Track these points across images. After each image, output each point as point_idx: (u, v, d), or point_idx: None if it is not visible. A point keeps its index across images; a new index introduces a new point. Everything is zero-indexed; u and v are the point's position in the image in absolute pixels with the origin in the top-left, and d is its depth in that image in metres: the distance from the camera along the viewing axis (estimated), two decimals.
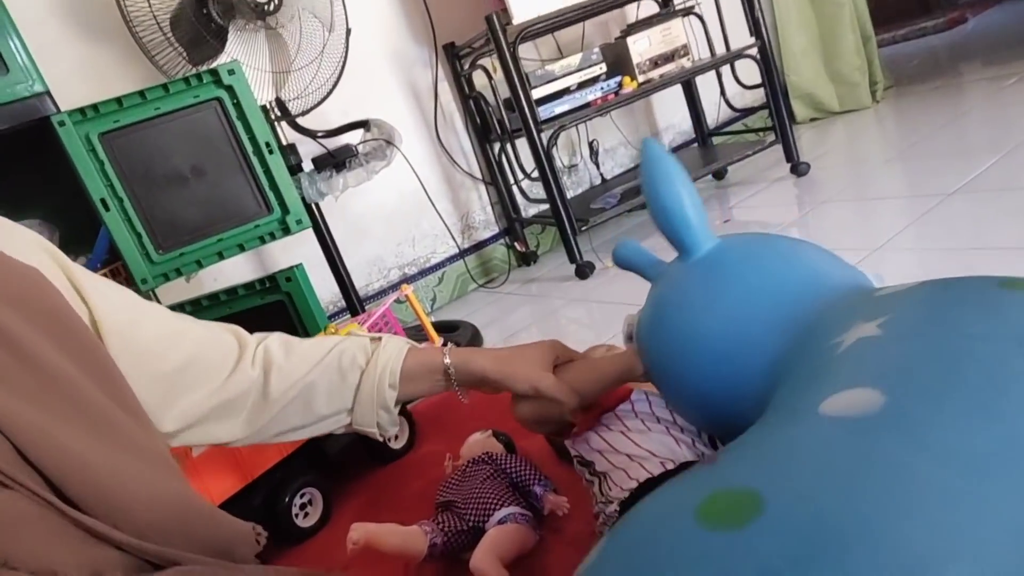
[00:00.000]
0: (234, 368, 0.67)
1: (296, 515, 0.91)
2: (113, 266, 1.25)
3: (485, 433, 0.88)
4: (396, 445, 1.04)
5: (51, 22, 1.51)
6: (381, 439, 0.74)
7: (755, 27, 1.92)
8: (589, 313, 1.60)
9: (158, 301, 1.25)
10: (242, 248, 1.27)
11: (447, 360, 0.73)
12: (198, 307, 1.24)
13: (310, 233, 1.49)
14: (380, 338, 0.74)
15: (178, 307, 1.25)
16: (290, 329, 1.19)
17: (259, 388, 0.67)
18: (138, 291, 1.24)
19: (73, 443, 0.45)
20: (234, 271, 1.69)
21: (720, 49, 2.08)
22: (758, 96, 2.39)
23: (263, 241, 1.28)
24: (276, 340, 0.72)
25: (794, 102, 2.53)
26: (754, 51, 1.92)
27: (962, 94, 2.29)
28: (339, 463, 1.00)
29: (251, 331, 0.71)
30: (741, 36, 1.99)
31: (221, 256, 1.26)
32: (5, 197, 1.39)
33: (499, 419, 1.07)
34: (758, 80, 1.99)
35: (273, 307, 1.20)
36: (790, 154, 1.99)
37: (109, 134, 1.19)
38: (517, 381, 0.70)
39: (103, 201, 1.19)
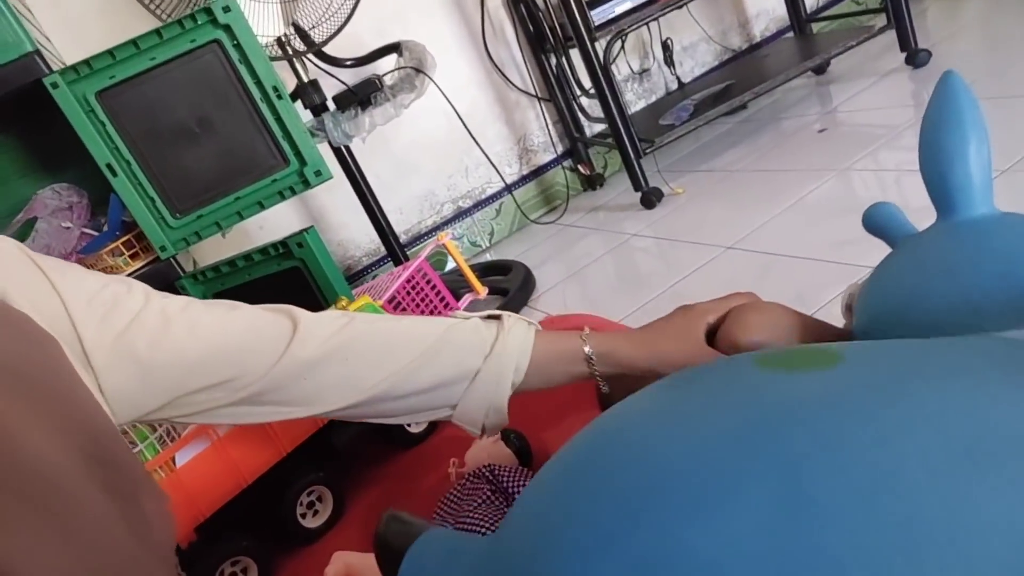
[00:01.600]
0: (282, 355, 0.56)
1: (303, 515, 0.84)
2: (132, 234, 1.19)
3: (493, 439, 0.76)
4: (416, 429, 0.95)
5: None
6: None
7: None
8: (652, 250, 1.42)
9: (180, 267, 1.19)
10: (262, 206, 1.18)
11: (587, 349, 0.61)
12: (218, 273, 1.17)
13: (339, 178, 1.38)
14: (499, 316, 0.63)
15: (199, 273, 1.19)
16: (309, 297, 1.10)
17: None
18: (156, 260, 1.18)
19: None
20: (282, 219, 1.61)
21: None
22: None
23: (283, 197, 1.19)
24: (360, 321, 0.61)
25: None
26: None
27: None
28: (351, 454, 0.92)
29: (272, 300, 0.61)
30: None
31: (240, 216, 1.18)
32: (30, 162, 1.36)
33: (529, 400, 0.95)
34: None
35: (291, 274, 1.11)
36: (906, 40, 1.65)
37: (107, 91, 1.10)
38: (673, 365, 0.58)
39: (109, 166, 1.12)
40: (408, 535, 0.39)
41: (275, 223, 1.60)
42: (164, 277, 1.17)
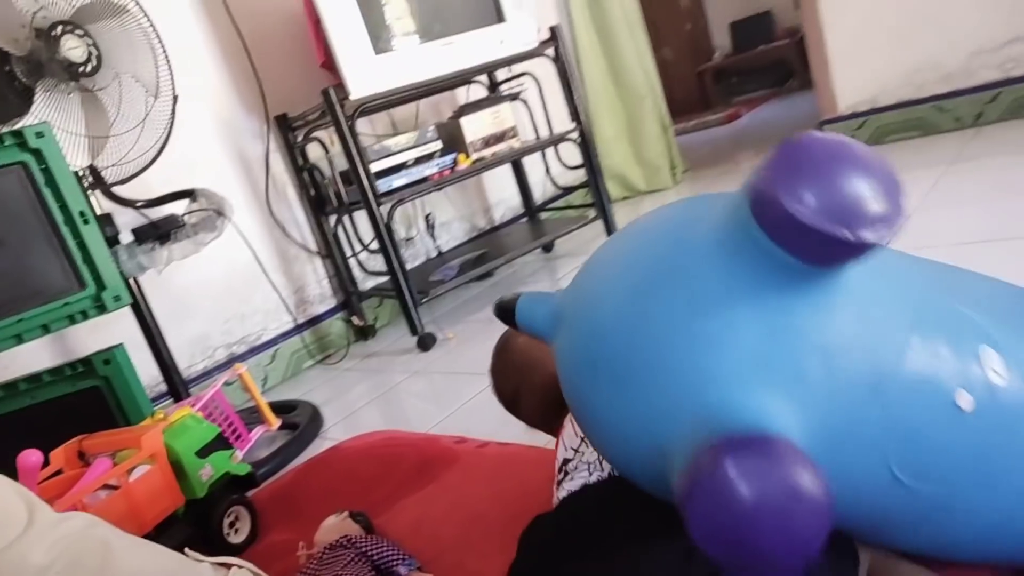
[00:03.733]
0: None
1: None
2: None
3: (341, 515, 0.84)
4: (236, 539, 0.95)
5: None
6: (219, 531, 0.66)
7: (574, 114, 2.09)
8: (432, 385, 1.59)
9: None
10: (47, 329, 1.13)
11: None
12: None
13: (121, 313, 1.35)
14: (229, 565, 0.63)
15: None
16: (108, 420, 1.06)
17: None
18: None
19: None
20: (30, 357, 1.48)
21: (544, 132, 2.24)
22: (579, 175, 2.59)
23: (73, 321, 1.15)
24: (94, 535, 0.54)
25: (608, 182, 2.76)
26: (575, 135, 2.09)
27: (742, 177, 2.64)
28: None
29: (60, 425, 0.59)
30: (562, 121, 2.16)
31: (20, 339, 1.11)
32: None
33: (354, 498, 1.02)
34: (579, 161, 2.16)
35: (87, 395, 1.07)
36: (610, 228, 2.17)
37: None
38: None
39: None
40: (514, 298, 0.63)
41: (24, 362, 1.46)
42: None
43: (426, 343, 1.76)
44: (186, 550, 0.65)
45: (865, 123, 2.34)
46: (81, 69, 1.24)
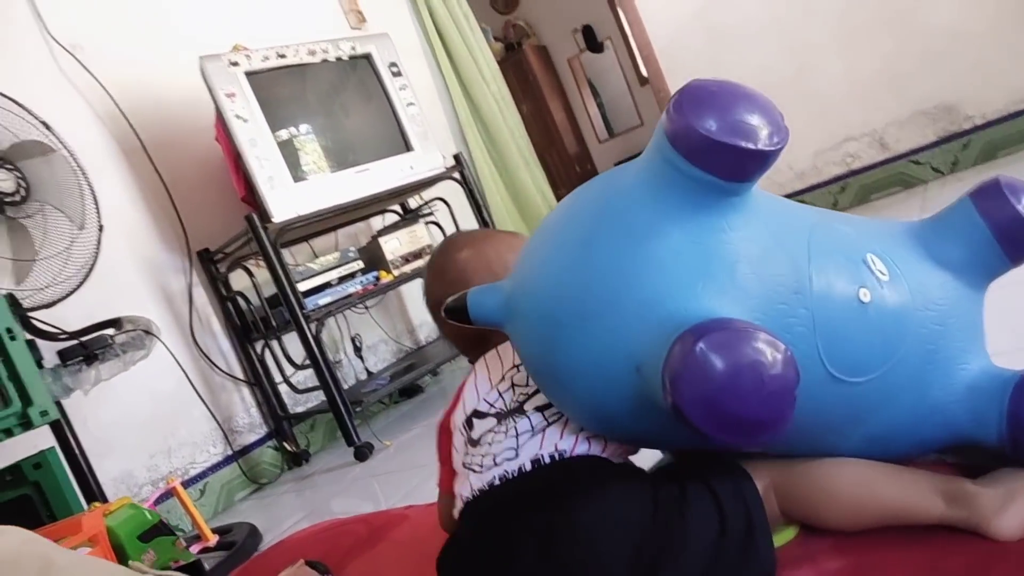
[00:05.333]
0: None
1: None
2: None
3: (296, 564, 0.83)
4: None
5: None
6: None
7: (485, 227, 2.26)
8: (373, 487, 1.57)
9: None
10: None
11: None
12: None
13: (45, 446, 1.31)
14: None
15: None
16: (41, 526, 1.00)
17: None
18: None
19: None
20: None
21: None
22: None
23: None
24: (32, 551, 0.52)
25: None
26: None
27: None
28: None
29: None
30: None
31: None
32: None
33: (314, 551, 1.00)
34: None
35: (14, 504, 1.02)
36: None
37: None
38: None
39: None
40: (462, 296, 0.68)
41: None
42: None
43: (363, 453, 1.75)
44: (130, 562, 0.64)
45: None
46: (8, 198, 1.29)
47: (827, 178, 2.56)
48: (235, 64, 1.79)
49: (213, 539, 1.35)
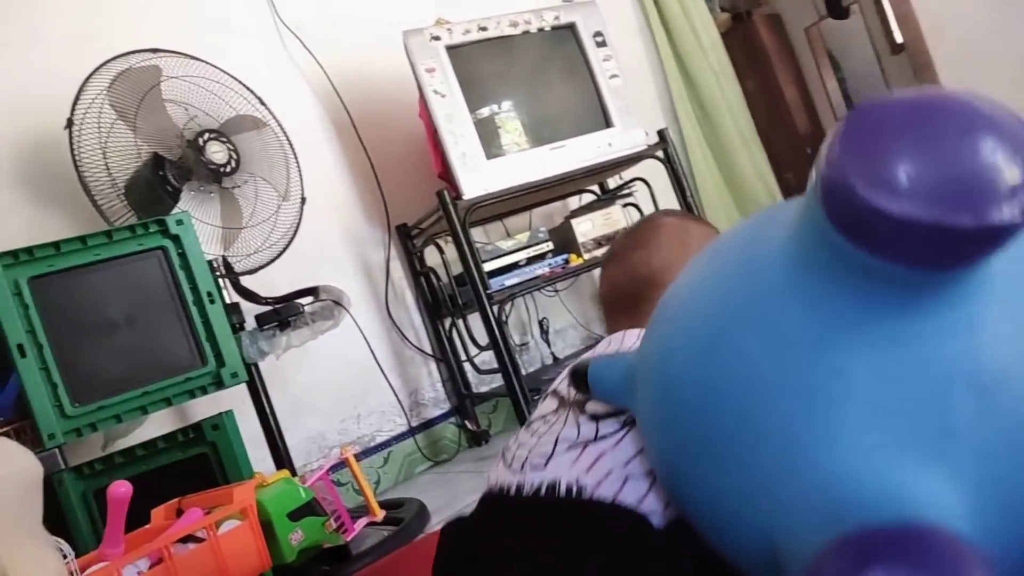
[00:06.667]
0: None
1: None
2: (18, 424, 1.12)
3: None
4: None
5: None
6: None
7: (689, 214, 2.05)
8: None
9: (64, 461, 1.11)
10: (169, 402, 1.17)
11: None
12: (110, 464, 1.10)
13: (240, 411, 1.38)
14: None
15: (87, 465, 1.11)
16: (213, 485, 1.05)
17: None
18: (42, 448, 1.10)
19: None
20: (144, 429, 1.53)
21: None
22: None
23: (192, 395, 1.19)
24: None
25: None
26: None
27: None
28: None
29: (166, 490, 0.57)
30: None
31: (144, 411, 1.16)
32: None
33: None
34: None
35: (193, 462, 1.08)
36: None
37: (41, 278, 1.14)
38: None
39: (20, 347, 1.10)
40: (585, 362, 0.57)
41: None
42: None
43: None
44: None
45: None
46: (222, 169, 1.38)
47: None
48: (436, 38, 1.77)
49: (380, 514, 1.35)
